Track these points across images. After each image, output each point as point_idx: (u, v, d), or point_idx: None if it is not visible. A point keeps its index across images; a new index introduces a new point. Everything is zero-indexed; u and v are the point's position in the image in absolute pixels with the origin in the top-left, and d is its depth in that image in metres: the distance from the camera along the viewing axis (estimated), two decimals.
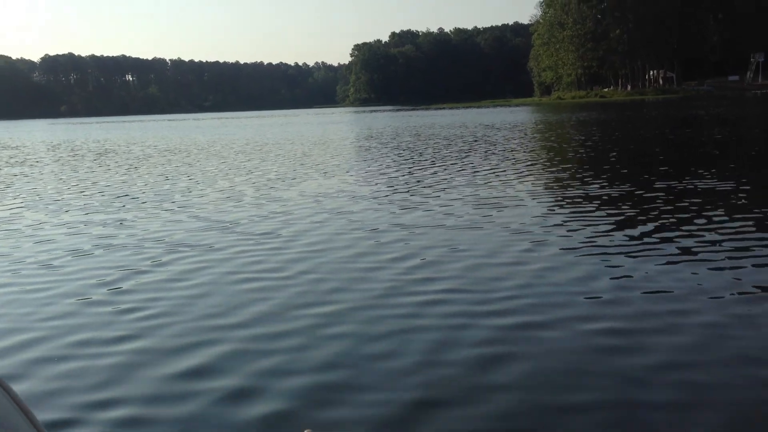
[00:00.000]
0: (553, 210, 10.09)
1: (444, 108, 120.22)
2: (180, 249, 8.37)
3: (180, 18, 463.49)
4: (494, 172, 15.38)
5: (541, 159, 18.20)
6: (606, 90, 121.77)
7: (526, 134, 30.58)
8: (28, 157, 29.75)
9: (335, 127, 52.96)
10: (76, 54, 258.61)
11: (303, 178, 16.03)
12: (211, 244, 8.63)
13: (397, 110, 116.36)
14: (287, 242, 8.50)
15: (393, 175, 15.94)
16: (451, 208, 10.65)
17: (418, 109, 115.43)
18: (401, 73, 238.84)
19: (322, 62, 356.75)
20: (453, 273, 6.66)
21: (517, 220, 9.34)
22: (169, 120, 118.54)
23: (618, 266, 6.63)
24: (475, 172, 15.69)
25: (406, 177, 15.33)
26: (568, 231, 8.45)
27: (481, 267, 6.86)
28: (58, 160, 27.21)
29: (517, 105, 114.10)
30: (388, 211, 10.63)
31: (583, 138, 25.77)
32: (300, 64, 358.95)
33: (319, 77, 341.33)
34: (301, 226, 9.63)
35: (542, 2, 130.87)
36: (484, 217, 9.71)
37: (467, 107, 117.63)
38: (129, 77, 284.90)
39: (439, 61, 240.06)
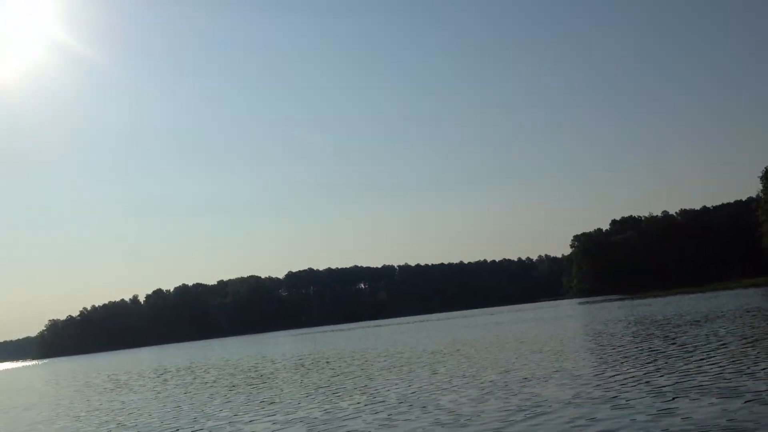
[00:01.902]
0: None
1: (665, 296, 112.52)
2: None
3: (408, 225, 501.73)
4: None
5: None
6: None
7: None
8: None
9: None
10: (315, 268, 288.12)
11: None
12: None
13: (621, 299, 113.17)
14: None
15: None
16: None
17: (644, 298, 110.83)
18: (624, 261, 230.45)
19: (546, 255, 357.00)
20: None
21: None
22: (398, 324, 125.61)
23: None
24: None
25: None
26: None
27: None
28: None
29: (746, 287, 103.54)
30: None
31: None
32: (523, 258, 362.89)
33: (543, 270, 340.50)
34: None
35: (762, 176, 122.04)
36: None
37: (695, 293, 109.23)
38: (362, 285, 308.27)
39: (664, 245, 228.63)
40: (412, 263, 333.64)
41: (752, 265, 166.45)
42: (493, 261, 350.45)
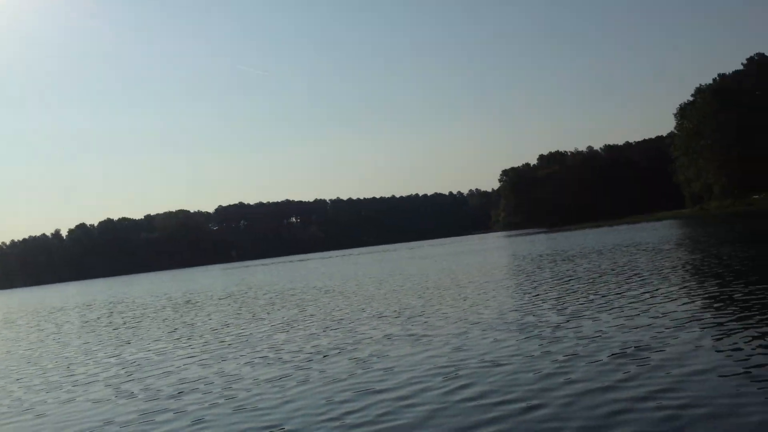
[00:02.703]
0: None
1: (585, 228, 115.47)
2: None
3: (341, 159, 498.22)
4: None
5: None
6: (757, 197, 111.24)
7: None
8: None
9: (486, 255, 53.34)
10: (245, 202, 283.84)
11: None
12: None
13: (545, 232, 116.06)
14: None
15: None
16: None
17: (567, 230, 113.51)
18: (550, 194, 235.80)
19: (476, 189, 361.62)
20: None
21: None
22: (330, 257, 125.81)
23: None
24: None
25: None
26: None
27: None
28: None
29: (660, 220, 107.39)
30: None
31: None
32: (455, 193, 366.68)
33: (474, 204, 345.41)
34: None
35: (677, 113, 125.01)
36: None
37: (612, 225, 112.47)
38: (293, 219, 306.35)
39: (588, 180, 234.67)
40: (344, 197, 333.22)
41: (668, 199, 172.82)
42: (426, 195, 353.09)
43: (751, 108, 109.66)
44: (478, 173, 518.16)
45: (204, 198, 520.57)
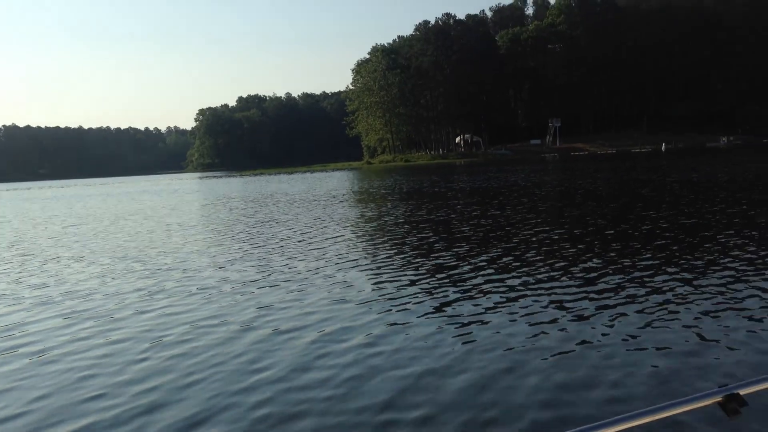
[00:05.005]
0: None
1: (270, 173, 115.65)
2: None
3: (18, 80, 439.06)
4: None
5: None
6: (413, 154, 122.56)
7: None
8: None
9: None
10: None
11: None
12: None
13: (240, 175, 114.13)
14: None
15: None
16: None
17: (245, 175, 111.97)
18: (246, 138, 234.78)
19: (175, 126, 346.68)
20: None
21: None
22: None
23: None
24: None
25: None
26: None
27: None
28: None
29: (333, 170, 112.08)
30: None
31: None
32: (151, 129, 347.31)
33: (171, 142, 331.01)
34: None
35: (353, 68, 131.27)
36: None
37: (291, 173, 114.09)
38: None
39: (286, 126, 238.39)
40: (21, 125, 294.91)
41: (352, 149, 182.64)
42: (118, 129, 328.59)
43: (418, 70, 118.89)
44: (179, 112, 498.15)
45: None
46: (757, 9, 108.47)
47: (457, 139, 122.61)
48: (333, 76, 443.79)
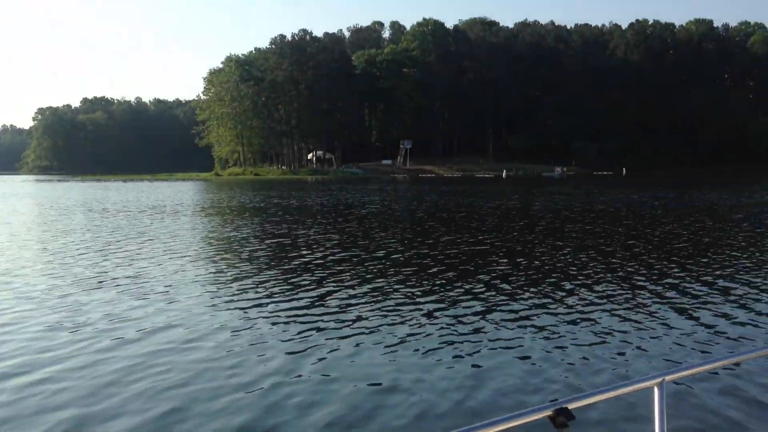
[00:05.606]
0: None
1: (108, 180, 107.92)
2: None
3: None
4: None
5: None
6: (264, 168, 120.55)
7: None
8: None
9: None
10: None
11: None
12: None
13: (81, 180, 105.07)
14: None
15: None
16: None
17: (105, 181, 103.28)
18: (90, 141, 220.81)
19: (11, 125, 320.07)
20: None
21: None
22: None
23: None
24: None
25: None
26: None
27: None
28: None
29: (178, 180, 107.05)
30: None
31: None
32: None
33: (6, 141, 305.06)
34: None
35: (206, 77, 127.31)
36: None
37: (141, 180, 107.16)
38: None
39: (134, 131, 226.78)
40: None
41: (204, 160, 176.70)
42: None
43: (272, 83, 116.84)
44: (16, 109, 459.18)
45: None
46: (590, 47, 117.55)
47: (310, 155, 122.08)
48: (188, 84, 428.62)
